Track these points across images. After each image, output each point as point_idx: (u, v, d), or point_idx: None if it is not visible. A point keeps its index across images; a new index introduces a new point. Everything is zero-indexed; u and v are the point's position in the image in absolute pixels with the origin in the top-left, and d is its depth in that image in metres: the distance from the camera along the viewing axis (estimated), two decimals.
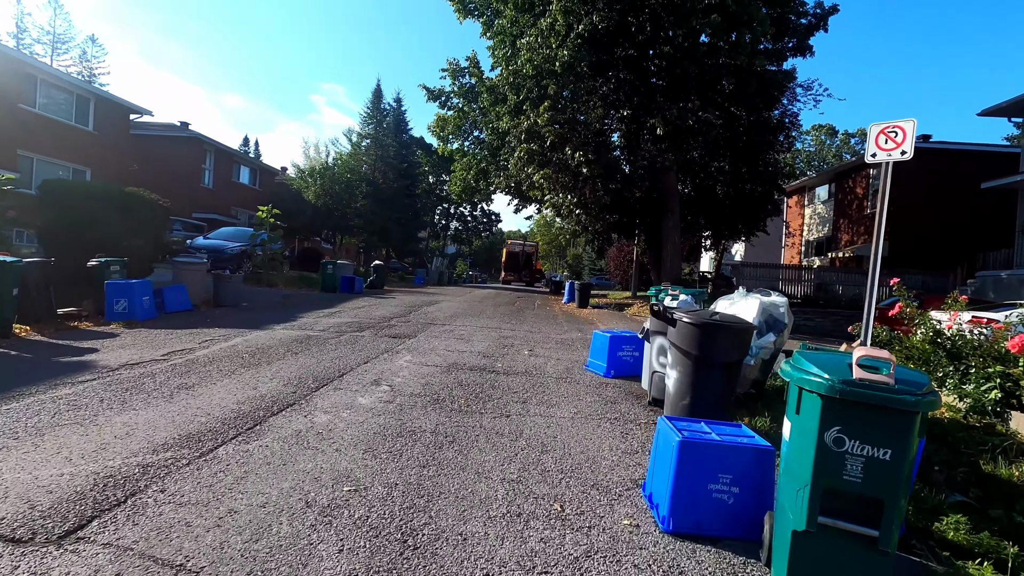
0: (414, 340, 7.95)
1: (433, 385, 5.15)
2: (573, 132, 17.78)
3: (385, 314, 11.13)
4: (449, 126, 26.47)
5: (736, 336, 4.03)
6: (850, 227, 28.52)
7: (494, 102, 20.31)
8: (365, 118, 34.01)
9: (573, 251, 62.70)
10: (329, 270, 16.45)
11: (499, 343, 8.25)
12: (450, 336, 8.63)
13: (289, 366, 5.57)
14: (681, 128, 16.97)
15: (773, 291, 5.24)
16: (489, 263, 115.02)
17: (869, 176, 26.84)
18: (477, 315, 12.52)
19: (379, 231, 31.63)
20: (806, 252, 33.80)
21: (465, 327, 9.98)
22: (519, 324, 11.35)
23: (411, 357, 6.52)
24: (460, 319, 11.34)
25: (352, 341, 7.45)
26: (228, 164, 34.26)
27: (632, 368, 6.26)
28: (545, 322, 12.39)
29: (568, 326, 11.92)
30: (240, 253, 18.58)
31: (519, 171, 18.59)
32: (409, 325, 9.67)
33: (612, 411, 4.74)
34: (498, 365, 6.42)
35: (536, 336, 9.50)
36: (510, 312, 14.34)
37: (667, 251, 20.89)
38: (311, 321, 9.23)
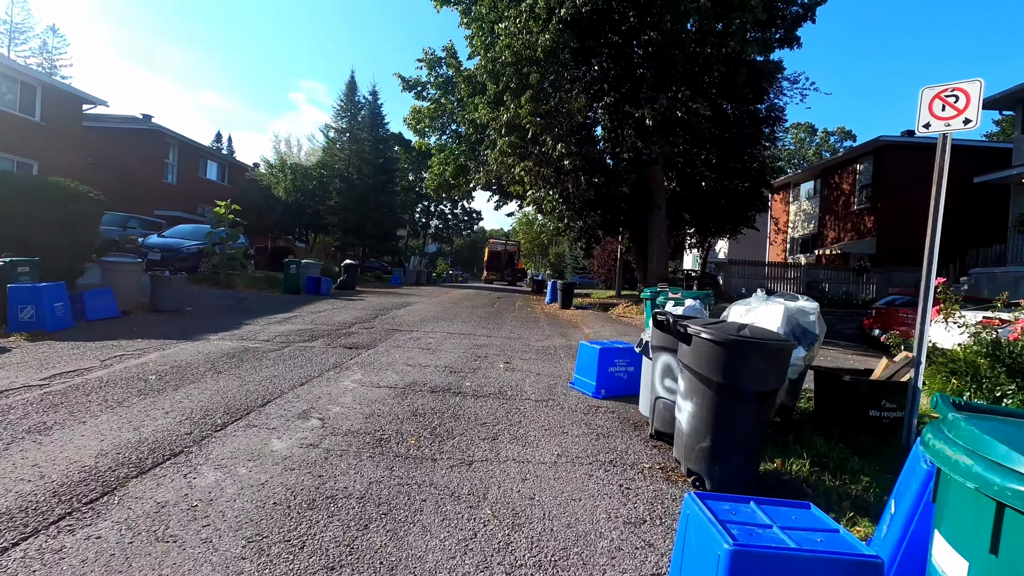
0: (371, 352, 6.84)
1: (379, 416, 4.06)
2: (555, 123, 16.78)
3: (347, 319, 9.99)
4: (425, 118, 25.30)
5: (774, 357, 3.03)
6: (836, 224, 28.02)
7: (472, 92, 19.21)
8: (339, 111, 32.62)
9: (555, 249, 61.87)
10: (292, 270, 15.21)
11: (471, 354, 7.18)
12: (415, 346, 7.53)
13: (202, 392, 4.44)
14: (669, 119, 16.08)
15: (800, 295, 4.26)
16: (471, 262, 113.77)
17: (856, 172, 26.33)
18: (451, 319, 11.43)
19: (354, 229, 30.29)
20: (791, 249, 33.32)
21: (435, 334, 8.90)
22: (496, 329, 10.30)
23: (362, 375, 5.42)
24: (431, 324, 10.24)
25: (296, 354, 6.33)
26: (194, 159, 32.65)
27: (626, 386, 5.26)
28: (525, 326, 11.36)
29: (550, 330, 10.90)
30: (198, 252, 17.26)
31: (499, 164, 17.52)
32: (371, 332, 8.56)
33: (606, 449, 3.72)
34: (466, 384, 5.36)
35: (514, 344, 8.46)
36: (488, 315, 13.28)
37: (653, 248, 20.03)
38: (257, 329, 8.06)
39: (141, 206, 26.88)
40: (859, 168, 26.16)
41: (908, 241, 23.63)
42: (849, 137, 57.32)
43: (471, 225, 73.29)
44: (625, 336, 10.28)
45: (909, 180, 23.70)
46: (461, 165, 24.16)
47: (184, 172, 31.53)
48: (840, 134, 61.55)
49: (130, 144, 28.57)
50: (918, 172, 24.19)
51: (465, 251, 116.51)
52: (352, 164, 31.36)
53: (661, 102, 15.61)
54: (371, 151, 33.49)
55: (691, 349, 3.18)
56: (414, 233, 66.81)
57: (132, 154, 28.38)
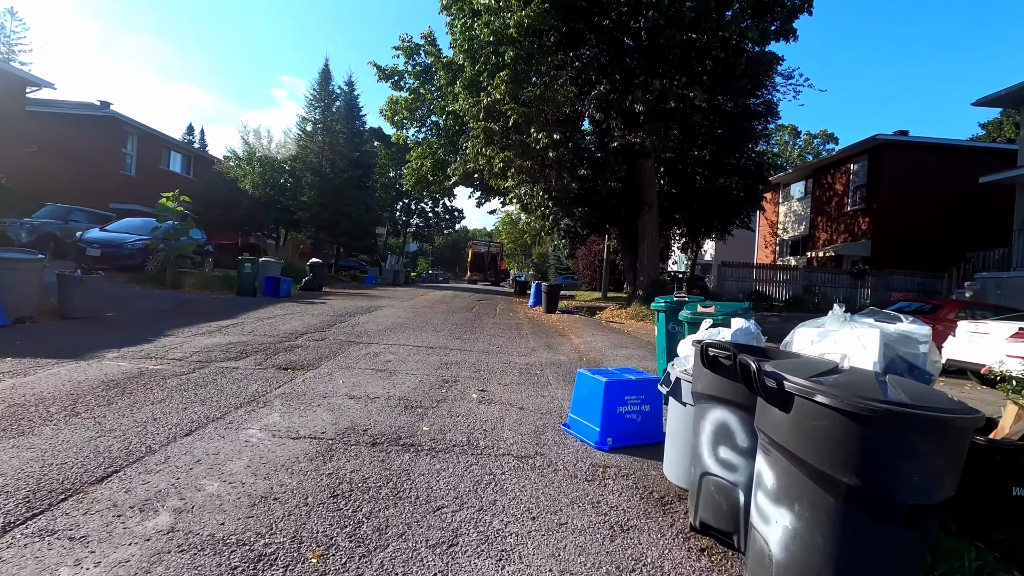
0: (309, 376, 5.39)
1: (275, 502, 2.63)
2: (539, 112, 15.42)
3: (296, 328, 8.49)
4: (403, 110, 23.78)
5: (954, 442, 1.69)
6: (829, 225, 27.16)
7: (452, 78, 17.79)
8: (311, 101, 30.85)
9: (538, 249, 60.63)
10: (247, 269, 13.60)
11: (438, 376, 5.77)
12: (369, 365, 6.09)
13: (20, 454, 2.96)
14: (662, 107, 14.84)
15: (903, 315, 2.93)
16: (453, 261, 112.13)
17: (850, 172, 25.46)
18: (421, 327, 9.99)
19: (326, 225, 28.58)
20: (781, 251, 32.47)
21: (398, 348, 7.46)
22: (472, 340, 8.89)
23: (280, 417, 3.97)
24: (396, 334, 8.79)
25: (208, 380, 4.85)
26: (156, 150, 30.68)
27: (641, 432, 3.90)
28: (506, 335, 9.97)
29: (535, 341, 9.52)
30: (144, 248, 15.57)
31: (477, 155, 16.11)
32: (319, 346, 7.09)
33: (629, 561, 2.35)
34: (423, 428, 3.95)
35: (492, 361, 7.05)
36: (464, 321, 11.86)
37: (644, 248, 18.83)
38: (176, 342, 6.54)
39: (95, 199, 24.96)
40: (853, 168, 25.30)
41: (905, 243, 22.85)
42: (832, 140, 57.14)
43: (453, 224, 71.67)
44: (622, 349, 8.93)
45: (906, 180, 22.89)
46: (440, 160, 22.70)
47: (145, 163, 29.57)
48: (823, 137, 61.42)
49: (83, 132, 26.54)
50: (915, 172, 23.44)
51: (447, 250, 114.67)
52: (325, 157, 29.64)
53: (654, 87, 14.37)
54: (346, 144, 31.76)
55: (790, 418, 1.83)
56: (394, 231, 65.01)
57: (85, 143, 26.39)
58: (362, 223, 32.05)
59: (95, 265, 15.94)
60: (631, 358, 8.09)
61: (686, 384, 3.07)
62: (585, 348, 9.04)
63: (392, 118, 23.78)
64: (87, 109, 27.55)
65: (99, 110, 27.57)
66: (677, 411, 3.21)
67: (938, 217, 22.22)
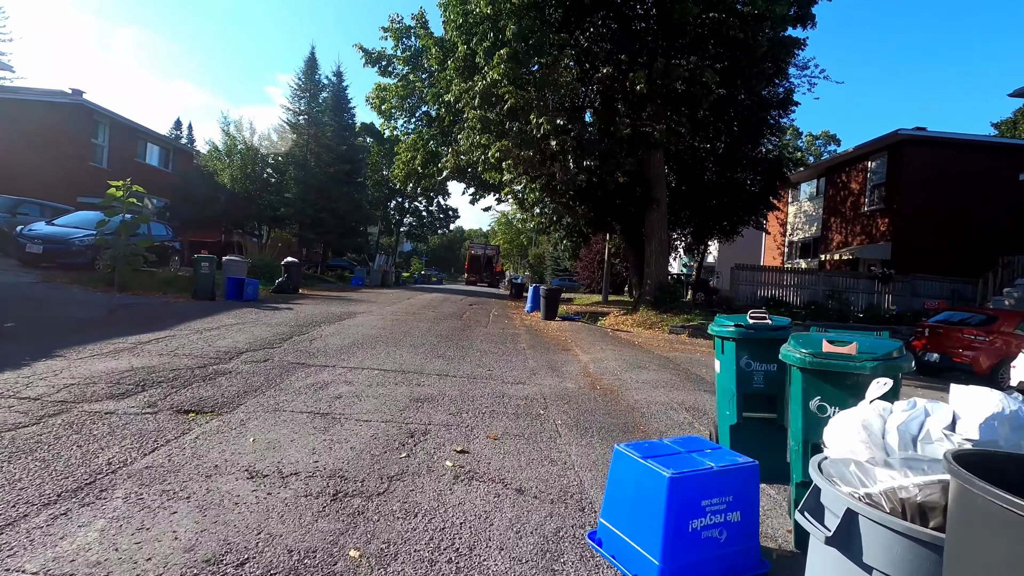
0: (211, 427, 3.71)
1: None
2: (540, 95, 13.79)
3: (238, 344, 6.81)
4: (391, 98, 22.07)
5: None
6: (843, 226, 25.62)
7: (443, 58, 16.13)
8: (296, 91, 29.10)
9: (535, 250, 59.04)
10: (204, 269, 11.87)
11: (401, 424, 4.10)
12: (307, 406, 4.42)
13: None
14: (668, 89, 13.24)
15: None
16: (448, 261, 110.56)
17: (867, 170, 23.92)
18: (397, 341, 8.31)
19: (311, 223, 26.85)
20: (790, 254, 30.94)
21: (358, 373, 5.78)
22: (458, 359, 7.22)
23: (98, 532, 2.30)
24: (363, 351, 7.11)
25: (45, 439, 3.17)
26: (131, 141, 28.88)
27: (728, 562, 2.25)
28: (500, 351, 8.31)
29: (535, 359, 7.87)
30: (95, 245, 13.85)
31: (471, 144, 14.45)
32: (255, 372, 5.41)
33: None
34: (350, 551, 2.28)
35: (480, 392, 5.39)
36: (451, 332, 10.18)
37: (652, 249, 17.21)
38: (55, 368, 4.86)
39: (62, 191, 23.21)
40: (871, 166, 23.76)
41: (928, 246, 21.29)
42: (834, 141, 55.73)
43: (447, 223, 69.75)
44: (642, 372, 7.28)
45: (929, 179, 21.35)
46: (432, 152, 21.01)
47: (118, 155, 27.75)
48: (825, 138, 60.08)
49: (50, 121, 24.73)
50: (940, 170, 21.86)
51: (442, 250, 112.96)
52: (310, 150, 27.91)
53: (657, 65, 12.75)
54: (333, 137, 30.04)
55: None
56: (387, 231, 63.27)
57: (52, 132, 24.57)
58: (349, 221, 30.34)
59: (38, 263, 14.30)
60: (659, 386, 6.45)
61: (873, 529, 1.42)
62: (596, 369, 7.39)
63: (379, 107, 22.05)
64: (55, 96, 25.74)
65: (67, 97, 25.76)
66: (822, 554, 1.58)
67: (965, 218, 20.71)
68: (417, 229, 67.21)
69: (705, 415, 5.10)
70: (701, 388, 6.50)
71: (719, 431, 3.54)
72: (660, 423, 4.76)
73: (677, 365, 8.52)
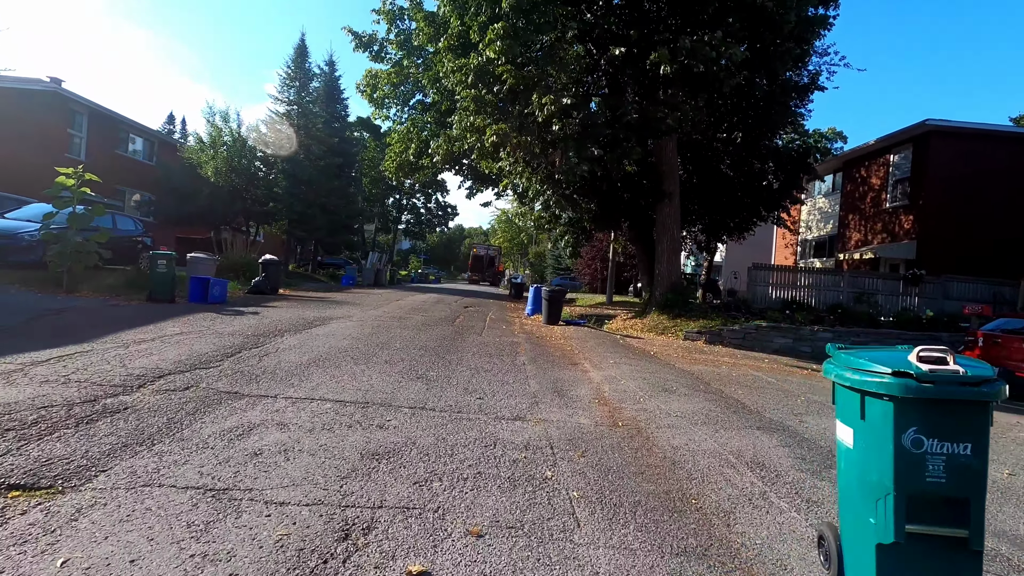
0: (18, 524, 2.30)
1: None
2: (542, 75, 12.36)
3: (164, 363, 5.39)
4: (383, 85, 20.63)
5: None
6: (863, 224, 24.18)
7: (435, 35, 14.69)
8: (285, 80, 27.64)
9: (535, 249, 57.62)
10: (161, 267, 10.44)
11: (332, 509, 2.68)
12: (199, 476, 2.98)
13: None
14: (692, 72, 11.82)
15: None
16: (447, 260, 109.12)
17: (889, 164, 22.47)
18: (370, 355, 6.88)
19: (299, 218, 25.44)
20: (803, 253, 29.50)
21: (302, 410, 4.35)
22: (440, 382, 5.80)
23: None
24: (320, 373, 5.69)
25: None
26: (111, 132, 27.47)
27: None
28: (494, 368, 6.88)
29: (537, 378, 6.44)
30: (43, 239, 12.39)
31: (465, 128, 13.01)
32: (156, 411, 3.96)
33: None
34: None
35: (463, 439, 3.96)
36: (440, 341, 8.76)
37: (663, 247, 15.80)
38: None
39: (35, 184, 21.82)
40: (893, 159, 22.32)
41: (958, 244, 19.87)
42: (841, 138, 54.21)
43: (446, 220, 68.24)
44: (672, 398, 5.85)
45: (958, 173, 19.91)
46: (426, 142, 19.55)
47: (97, 147, 26.36)
48: (832, 135, 58.57)
49: (24, 110, 23.29)
50: (971, 163, 20.38)
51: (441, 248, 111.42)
52: (300, 142, 26.45)
53: (682, 44, 11.32)
54: (325, 128, 28.61)
55: None
56: (384, 228, 61.82)
57: (25, 122, 23.16)
58: (341, 217, 28.92)
59: None
60: (697, 421, 5.03)
61: None
62: (613, 393, 5.97)
63: (371, 94, 20.61)
64: (30, 84, 24.31)
65: (42, 86, 24.33)
66: None
67: (999, 215, 19.31)
68: (415, 227, 65.81)
69: (779, 479, 3.68)
70: (752, 425, 5.08)
71: (847, 552, 2.12)
72: (719, 493, 3.34)
73: (707, 384, 7.11)
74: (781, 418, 5.58)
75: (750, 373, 8.79)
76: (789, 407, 6.23)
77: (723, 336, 13.32)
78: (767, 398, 6.64)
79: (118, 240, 15.10)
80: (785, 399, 6.75)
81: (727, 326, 13.49)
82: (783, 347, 13.21)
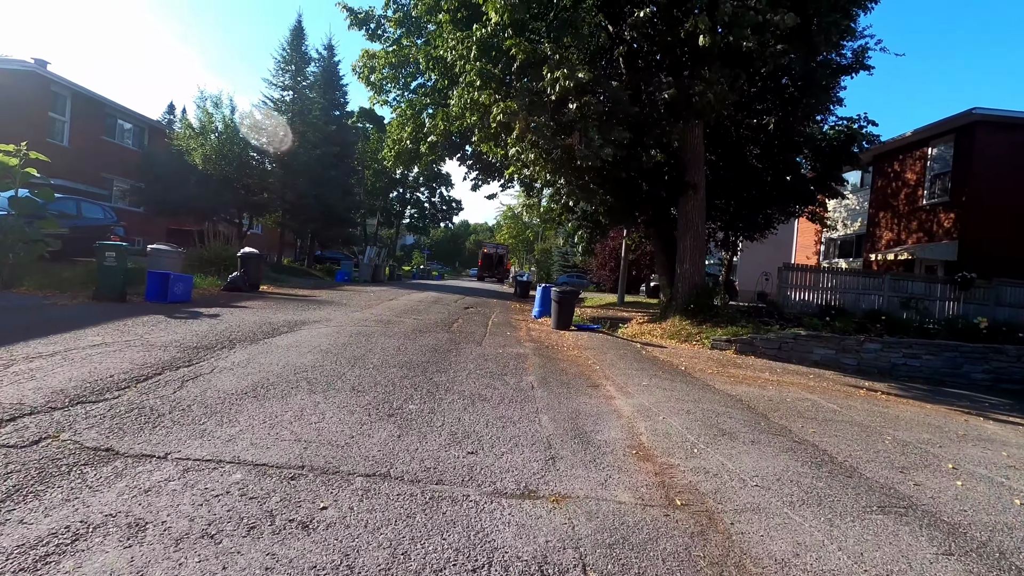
0: None
1: None
2: (556, 48, 10.78)
3: (39, 394, 3.87)
4: (381, 67, 19.07)
5: None
6: (895, 222, 22.47)
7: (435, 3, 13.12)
8: (280, 63, 26.10)
9: (541, 245, 56.05)
10: (109, 261, 8.94)
11: None
12: None
13: None
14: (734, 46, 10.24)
15: None
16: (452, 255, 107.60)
17: (926, 157, 20.74)
18: (332, 380, 5.34)
19: (292, 209, 23.96)
20: (827, 252, 27.78)
21: (189, 489, 2.80)
22: (417, 426, 4.24)
23: None
24: (254, 410, 4.14)
25: None
26: (97, 117, 26.09)
27: None
28: (493, 394, 5.33)
29: (551, 415, 4.87)
30: None
31: (464, 104, 11.44)
32: None
33: None
34: None
35: (433, 561, 2.45)
36: (428, 356, 7.22)
37: (686, 244, 14.22)
38: None
39: None
40: (931, 152, 20.60)
41: (1007, 245, 18.20)
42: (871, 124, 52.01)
43: (450, 215, 66.77)
44: (734, 442, 4.26)
45: (1007, 167, 18.21)
46: (424, 124, 17.98)
47: (82, 132, 24.97)
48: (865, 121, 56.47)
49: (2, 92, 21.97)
50: (1021, 157, 18.84)
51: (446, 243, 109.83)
52: (294, 129, 24.95)
53: (724, 9, 9.74)
54: (322, 115, 27.11)
55: None
56: (387, 222, 60.41)
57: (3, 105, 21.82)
58: (338, 208, 27.41)
59: None
60: (795, 499, 3.46)
61: None
62: (656, 439, 4.42)
63: (368, 77, 19.05)
64: (10, 65, 22.95)
65: (23, 66, 22.95)
66: None
67: None
68: (419, 221, 64.38)
69: None
70: (869, 503, 3.52)
71: None
72: None
73: (766, 419, 5.55)
74: (891, 480, 4.03)
75: (803, 396, 7.24)
76: (885, 457, 4.68)
77: (755, 346, 11.76)
78: (848, 441, 5.09)
79: (83, 230, 13.65)
80: (868, 440, 5.20)
81: (760, 334, 11.93)
82: (824, 359, 11.64)
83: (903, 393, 9.05)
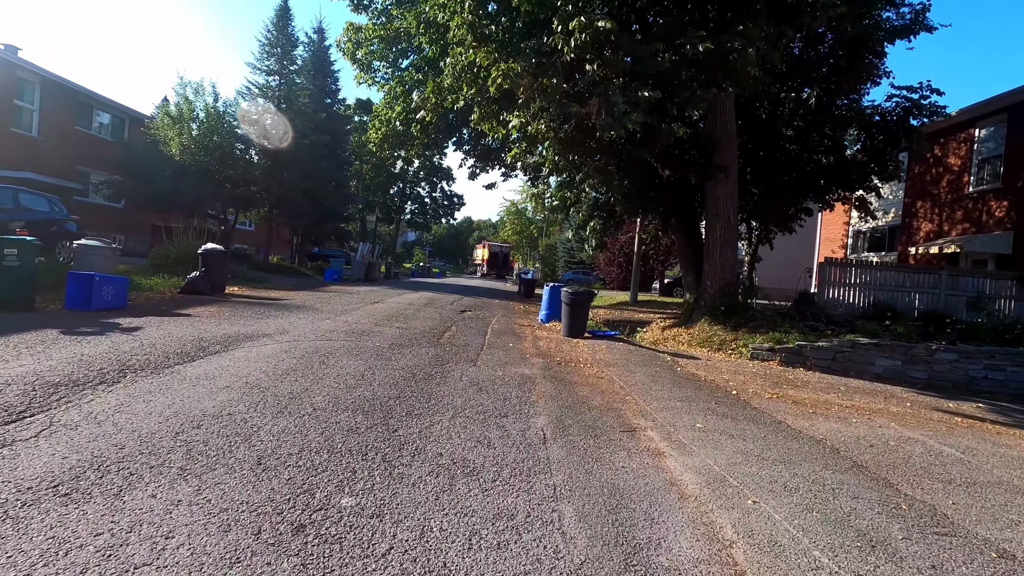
0: None
1: None
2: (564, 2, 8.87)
3: None
4: (367, 42, 17.20)
5: None
6: (936, 212, 20.48)
7: None
8: (265, 46, 24.26)
9: (545, 241, 54.11)
10: (10, 261, 7.10)
11: None
12: None
13: None
14: None
15: None
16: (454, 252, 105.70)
17: (973, 139, 18.72)
18: (240, 443, 3.48)
19: (278, 203, 22.16)
20: (855, 246, 25.75)
21: None
22: (351, 550, 2.42)
23: None
24: (43, 520, 2.33)
25: None
26: (71, 106, 24.37)
27: None
28: (485, 459, 3.44)
29: (575, 507, 2.97)
30: None
31: (459, 71, 9.53)
32: None
33: None
34: None
35: None
36: (405, 382, 5.37)
37: (715, 237, 12.33)
38: None
39: None
40: (979, 134, 18.58)
41: None
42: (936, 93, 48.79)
43: (452, 211, 64.75)
44: (887, 558, 2.35)
45: None
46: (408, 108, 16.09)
47: (54, 122, 23.26)
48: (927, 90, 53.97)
49: None
50: None
51: (448, 240, 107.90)
52: (280, 117, 23.10)
53: None
54: (312, 103, 25.26)
55: None
56: (386, 218, 58.50)
57: None
58: (330, 203, 25.59)
59: None
60: None
61: None
62: (759, 556, 2.57)
63: (353, 53, 17.18)
64: None
65: None
66: None
67: None
68: (420, 217, 62.46)
69: None
70: None
71: None
72: None
73: (896, 490, 3.67)
74: None
75: (902, 435, 5.37)
76: None
77: (804, 356, 9.87)
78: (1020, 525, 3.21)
79: (22, 225, 11.91)
80: None
81: (808, 342, 10.04)
82: (888, 371, 9.73)
83: (1006, 420, 7.16)
